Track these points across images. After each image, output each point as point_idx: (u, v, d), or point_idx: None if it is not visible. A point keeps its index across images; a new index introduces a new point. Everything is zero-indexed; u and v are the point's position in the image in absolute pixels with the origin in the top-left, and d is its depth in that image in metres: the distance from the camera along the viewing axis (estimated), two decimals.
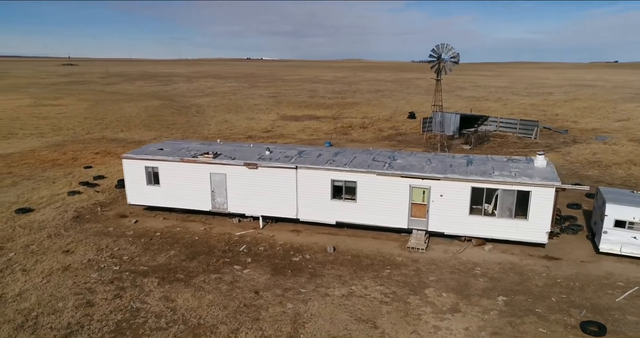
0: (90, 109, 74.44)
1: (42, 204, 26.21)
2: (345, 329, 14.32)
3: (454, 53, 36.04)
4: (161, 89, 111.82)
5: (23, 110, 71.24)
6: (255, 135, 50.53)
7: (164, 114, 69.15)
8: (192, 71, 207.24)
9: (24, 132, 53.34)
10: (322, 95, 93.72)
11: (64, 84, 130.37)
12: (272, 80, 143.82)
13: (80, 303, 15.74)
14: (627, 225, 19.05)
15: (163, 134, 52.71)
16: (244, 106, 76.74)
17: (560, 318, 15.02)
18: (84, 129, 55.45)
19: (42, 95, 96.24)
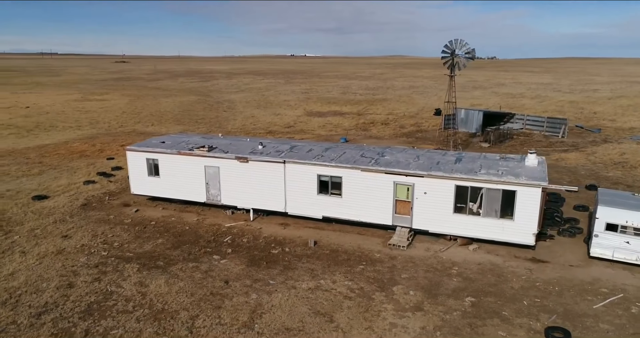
0: (129, 104, 77.34)
1: (58, 192, 27.72)
2: (300, 321, 14.53)
3: (469, 49, 35.29)
4: (201, 85, 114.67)
5: (70, 104, 74.84)
6: (277, 130, 51.18)
7: (196, 109, 70.96)
8: (234, 67, 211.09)
9: (64, 125, 56.12)
10: (354, 91, 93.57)
11: (112, 80, 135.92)
12: (309, 77, 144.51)
13: (62, 284, 16.69)
14: (619, 228, 18.25)
15: (190, 128, 54.25)
16: (273, 102, 77.70)
17: (526, 323, 14.66)
18: (118, 122, 57.77)
19: (90, 90, 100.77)
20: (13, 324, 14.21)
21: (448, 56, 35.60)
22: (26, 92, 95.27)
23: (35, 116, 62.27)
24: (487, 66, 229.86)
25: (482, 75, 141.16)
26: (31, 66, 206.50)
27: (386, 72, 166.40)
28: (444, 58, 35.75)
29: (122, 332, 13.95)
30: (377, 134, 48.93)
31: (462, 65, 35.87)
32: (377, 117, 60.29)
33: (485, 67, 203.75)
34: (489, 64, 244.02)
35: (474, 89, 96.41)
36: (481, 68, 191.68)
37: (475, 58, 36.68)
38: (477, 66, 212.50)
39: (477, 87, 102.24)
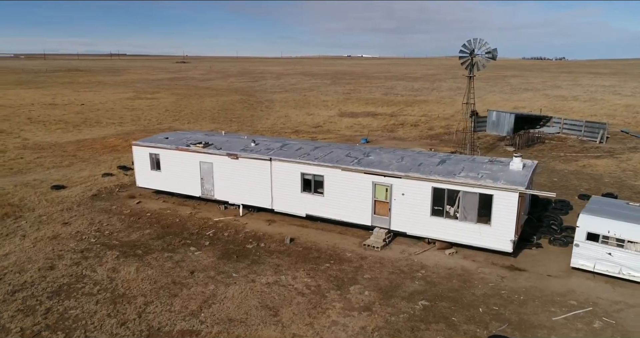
0: (175, 103, 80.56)
1: (77, 183, 29.62)
2: (245, 314, 14.93)
3: (489, 48, 34.31)
4: (248, 85, 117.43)
5: (121, 102, 78.95)
6: (304, 130, 51.79)
7: (236, 108, 72.87)
8: (287, 68, 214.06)
9: (108, 121, 59.41)
10: (396, 92, 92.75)
11: (167, 80, 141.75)
12: (357, 77, 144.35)
13: (44, 266, 18.00)
14: (601, 239, 17.33)
15: (222, 126, 55.88)
16: (312, 102, 78.45)
17: (472, 330, 14.32)
18: (158, 120, 60.42)
19: (143, 89, 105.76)
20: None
21: (466, 56, 34.77)
22: (86, 91, 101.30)
23: (86, 113, 66.25)
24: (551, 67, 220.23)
25: (541, 77, 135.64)
26: (98, 67, 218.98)
27: (439, 73, 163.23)
28: (461, 58, 34.96)
29: (79, 312, 14.90)
30: (402, 135, 48.45)
31: (482, 65, 34.92)
32: (409, 118, 59.61)
33: (548, 69, 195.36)
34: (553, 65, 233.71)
35: (524, 91, 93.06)
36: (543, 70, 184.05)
37: (496, 58, 35.56)
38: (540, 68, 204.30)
39: (529, 89, 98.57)
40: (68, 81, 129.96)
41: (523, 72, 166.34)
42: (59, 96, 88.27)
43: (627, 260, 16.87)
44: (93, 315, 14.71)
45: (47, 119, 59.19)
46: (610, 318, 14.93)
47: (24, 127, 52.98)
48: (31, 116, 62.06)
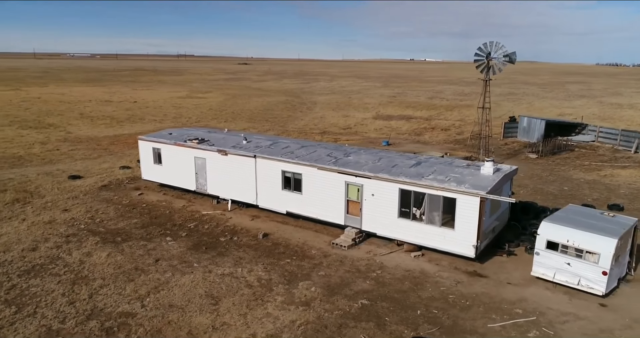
0: (222, 102, 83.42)
1: (94, 174, 31.75)
2: (187, 301, 15.71)
3: (506, 51, 33.39)
4: (299, 87, 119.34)
5: (171, 101, 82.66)
6: (331, 131, 52.28)
7: (276, 108, 74.43)
8: (342, 71, 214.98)
9: (150, 118, 62.56)
10: (443, 96, 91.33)
11: (223, 80, 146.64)
12: (410, 81, 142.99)
13: (28, 247, 19.67)
14: (560, 248, 16.71)
15: (256, 125, 57.47)
16: (354, 104, 78.79)
17: (400, 330, 14.31)
18: (198, 118, 62.91)
19: (198, 89, 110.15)
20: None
21: (482, 59, 34.01)
22: (144, 89, 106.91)
23: (134, 110, 70.06)
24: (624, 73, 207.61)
25: (605, 83, 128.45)
26: (163, 67, 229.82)
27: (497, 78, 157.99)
28: (476, 61, 34.22)
29: (39, 290, 16.26)
30: (427, 139, 47.83)
31: (498, 69, 34.03)
32: (443, 123, 58.63)
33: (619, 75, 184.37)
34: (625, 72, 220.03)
35: (578, 98, 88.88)
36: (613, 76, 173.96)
37: (515, 62, 34.50)
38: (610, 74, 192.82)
39: (585, 96, 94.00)
40: (131, 79, 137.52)
41: (589, 78, 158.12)
42: (117, 93, 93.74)
43: (586, 271, 16.15)
44: (49, 294, 15.99)
45: (97, 114, 63.17)
46: (550, 329, 14.41)
47: (72, 121, 56.91)
48: (84, 111, 66.48)
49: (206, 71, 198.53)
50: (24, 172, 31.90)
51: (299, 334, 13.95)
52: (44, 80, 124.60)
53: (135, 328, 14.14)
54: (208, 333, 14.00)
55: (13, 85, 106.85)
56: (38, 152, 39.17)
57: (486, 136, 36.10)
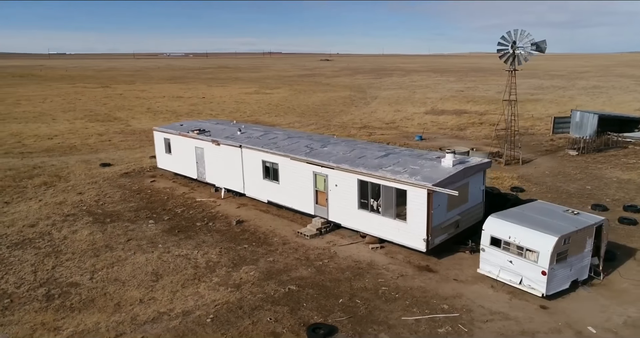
0: (285, 98, 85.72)
1: (123, 162, 34.54)
2: (132, 276, 17.02)
3: (532, 40, 31.52)
4: (369, 82, 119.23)
5: (238, 96, 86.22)
6: (373, 126, 52.14)
7: (334, 104, 75.13)
8: (421, 65, 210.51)
9: (208, 112, 65.75)
10: (517, 92, 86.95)
11: (297, 76, 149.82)
12: (489, 75, 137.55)
13: (29, 223, 22.18)
14: (502, 244, 15.94)
15: (302, 120, 58.66)
16: (413, 99, 77.69)
17: (310, 316, 14.50)
18: (251, 113, 65.36)
19: (268, 85, 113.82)
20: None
21: (506, 49, 32.36)
22: (218, 86, 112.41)
23: (198, 105, 74.15)
24: None
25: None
26: (245, 64, 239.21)
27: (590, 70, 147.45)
28: (500, 51, 32.61)
29: (16, 260, 18.42)
30: (465, 135, 46.19)
31: (524, 58, 32.21)
32: (495, 117, 56.02)
33: None
34: None
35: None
36: None
37: (545, 51, 32.42)
38: None
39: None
40: (211, 77, 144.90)
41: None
42: (191, 90, 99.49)
43: (526, 270, 15.27)
44: (22, 263, 18.07)
45: (161, 109, 67.72)
46: (467, 326, 13.91)
47: (137, 115, 61.62)
48: (151, 106, 71.56)
49: (284, 68, 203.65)
50: (68, 160, 35.44)
51: (210, 312, 14.66)
52: (133, 78, 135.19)
53: (73, 296, 15.66)
54: (133, 305, 15.15)
55: (105, 83, 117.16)
56: (91, 142, 43.12)
57: (512, 131, 34.21)
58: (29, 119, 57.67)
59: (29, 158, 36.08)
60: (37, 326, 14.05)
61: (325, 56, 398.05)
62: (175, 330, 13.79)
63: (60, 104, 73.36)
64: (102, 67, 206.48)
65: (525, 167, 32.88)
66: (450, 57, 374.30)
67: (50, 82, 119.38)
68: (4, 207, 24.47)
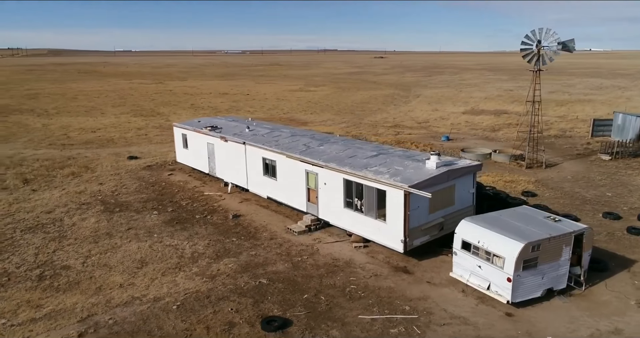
0: (326, 95, 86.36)
1: (150, 156, 36.30)
2: (120, 263, 18.12)
3: (558, 39, 30.38)
4: (417, 80, 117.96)
5: (281, 94, 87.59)
6: (404, 125, 51.80)
7: (374, 102, 75.01)
8: (477, 63, 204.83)
9: (247, 109, 67.46)
10: (567, 90, 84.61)
11: (346, 74, 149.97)
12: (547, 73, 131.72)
13: (47, 210, 23.96)
14: (472, 249, 15.76)
15: (336, 118, 59.09)
16: (456, 98, 76.44)
17: (270, 308, 14.93)
18: (288, 110, 66.43)
19: (314, 82, 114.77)
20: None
21: (530, 48, 31.33)
22: (265, 83, 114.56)
23: (240, 102, 76.14)
24: None
25: None
26: (298, 61, 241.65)
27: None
28: (523, 50, 31.60)
29: (24, 242, 20.05)
30: (497, 136, 44.98)
31: (549, 58, 31.08)
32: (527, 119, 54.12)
33: None
34: None
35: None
36: None
37: (573, 50, 31.12)
38: None
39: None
40: (261, 74, 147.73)
41: None
42: (238, 87, 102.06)
43: (494, 276, 15.04)
44: (29, 246, 19.66)
45: (204, 106, 70.06)
46: (422, 329, 13.95)
47: (178, 111, 64.15)
48: (195, 102, 74.19)
49: (335, 65, 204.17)
50: (101, 152, 37.68)
51: (179, 300, 15.46)
52: (186, 75, 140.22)
53: (62, 278, 16.94)
54: (113, 289, 16.21)
55: (159, 79, 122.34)
56: (129, 136, 45.51)
57: (535, 133, 33.07)
58: (80, 112, 61.44)
59: (67, 150, 38.63)
60: (22, 303, 15.33)
61: (380, 54, 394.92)
62: (141, 314, 14.65)
63: (113, 99, 77.47)
64: (160, 64, 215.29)
65: (547, 171, 31.72)
66: (512, 55, 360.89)
67: (110, 78, 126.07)
68: (31, 194, 26.48)
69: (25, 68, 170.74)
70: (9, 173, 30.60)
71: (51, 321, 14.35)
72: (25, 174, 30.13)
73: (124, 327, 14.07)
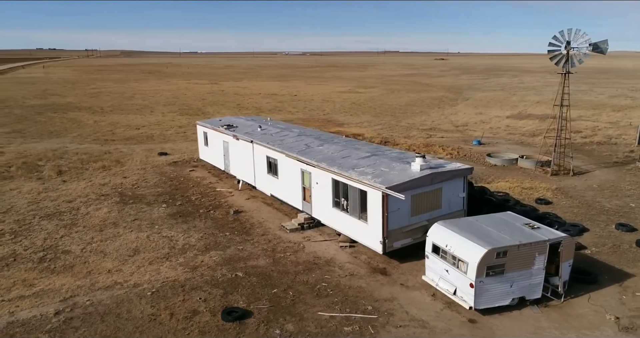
0: (373, 97, 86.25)
1: (179, 152, 37.97)
2: (115, 251, 19.33)
3: (589, 39, 29.05)
4: (472, 82, 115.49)
5: (328, 95, 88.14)
6: (441, 128, 51.06)
7: (419, 105, 74.11)
8: (542, 66, 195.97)
9: (289, 110, 68.64)
10: (632, 95, 79.73)
11: (400, 75, 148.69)
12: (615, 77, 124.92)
13: (69, 199, 25.83)
14: (441, 252, 15.63)
15: (374, 120, 59.02)
16: (505, 102, 74.36)
17: (236, 300, 15.46)
18: (328, 111, 66.93)
19: (366, 84, 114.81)
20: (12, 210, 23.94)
21: (558, 49, 30.12)
22: (316, 84, 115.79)
23: (285, 102, 77.52)
24: None
25: None
26: (353, 63, 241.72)
27: None
28: (551, 52, 30.41)
29: (38, 227, 21.81)
30: (535, 141, 43.45)
31: (578, 60, 29.76)
32: (583, 124, 51.78)
33: None
34: None
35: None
36: None
37: (606, 52, 29.58)
38: None
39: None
40: (314, 75, 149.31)
41: None
42: (288, 88, 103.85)
43: (459, 281, 14.84)
44: (42, 231, 21.36)
45: (249, 106, 71.98)
46: (376, 329, 14.04)
47: (222, 110, 66.28)
48: (242, 102, 76.35)
49: (392, 66, 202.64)
50: (137, 148, 39.86)
51: (155, 287, 16.36)
52: (242, 76, 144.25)
53: (60, 262, 18.36)
54: (101, 274, 17.40)
55: (215, 80, 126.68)
56: (168, 133, 47.75)
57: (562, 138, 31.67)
58: (132, 110, 64.98)
59: (107, 145, 41.17)
60: (18, 281, 16.79)
61: (441, 56, 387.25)
62: (117, 298, 15.66)
63: (166, 98, 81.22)
64: (220, 65, 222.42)
65: (573, 178, 30.31)
66: None
67: (170, 78, 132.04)
68: (60, 185, 28.61)
69: (96, 68, 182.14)
70: (48, 164, 33.10)
71: (37, 299, 15.62)
72: (61, 167, 32.48)
73: (98, 308, 15.09)
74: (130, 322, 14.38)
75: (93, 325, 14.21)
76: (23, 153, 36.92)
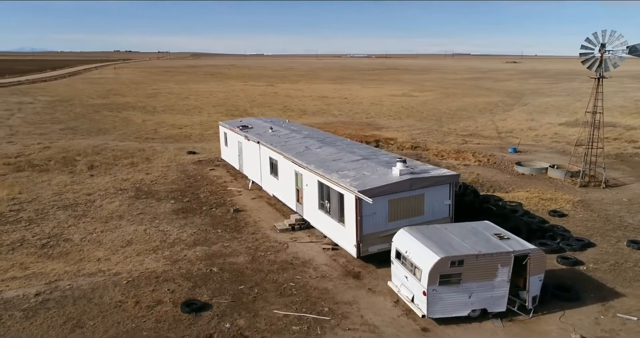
0: (425, 101, 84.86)
1: (207, 152, 39.31)
2: (110, 241, 20.52)
3: (625, 41, 27.36)
4: (538, 87, 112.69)
5: (377, 98, 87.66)
6: (483, 135, 49.71)
7: (470, 109, 72.09)
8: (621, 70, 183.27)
9: (332, 112, 68.94)
10: None
11: (463, 79, 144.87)
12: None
13: (89, 192, 27.60)
14: (402, 259, 15.41)
15: (416, 124, 58.24)
16: (565, 108, 71.28)
17: (201, 293, 16.05)
18: (376, 114, 66.60)
19: (423, 87, 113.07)
20: (37, 200, 25.97)
21: (591, 53, 28.52)
22: (371, 87, 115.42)
23: (332, 105, 77.95)
24: None
25: None
26: (417, 66, 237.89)
27: None
28: (583, 55, 28.82)
29: (52, 217, 23.53)
30: (578, 151, 40.85)
31: (612, 64, 28.04)
32: (631, 134, 48.40)
33: None
34: None
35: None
36: None
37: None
38: None
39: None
40: (373, 78, 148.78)
41: None
42: (342, 90, 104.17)
43: (415, 288, 14.58)
44: (54, 220, 23.03)
45: (295, 108, 73.00)
46: (324, 330, 14.16)
47: (267, 112, 67.66)
48: (289, 104, 77.60)
49: (457, 70, 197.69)
50: (171, 146, 41.72)
51: (132, 276, 17.27)
52: (300, 78, 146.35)
53: (59, 248, 19.78)
54: (90, 262, 18.59)
55: (272, 82, 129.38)
56: (206, 134, 49.52)
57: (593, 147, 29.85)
58: (182, 111, 67.89)
59: (145, 143, 43.40)
60: (16, 264, 18.28)
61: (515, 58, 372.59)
62: (94, 284, 16.70)
63: (218, 99, 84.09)
64: (281, 67, 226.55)
65: (603, 191, 28.52)
66: None
67: (229, 80, 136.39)
68: (87, 179, 30.61)
69: (162, 70, 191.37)
70: (83, 160, 35.47)
71: (26, 281, 16.96)
72: (94, 162, 34.71)
73: (74, 292, 16.16)
74: (97, 307, 15.30)
75: (64, 307, 15.24)
76: (67, 148, 39.73)
